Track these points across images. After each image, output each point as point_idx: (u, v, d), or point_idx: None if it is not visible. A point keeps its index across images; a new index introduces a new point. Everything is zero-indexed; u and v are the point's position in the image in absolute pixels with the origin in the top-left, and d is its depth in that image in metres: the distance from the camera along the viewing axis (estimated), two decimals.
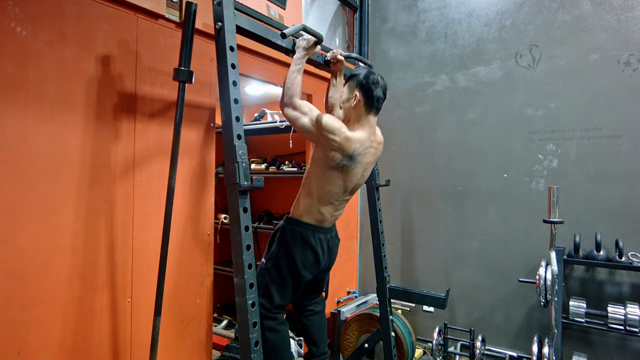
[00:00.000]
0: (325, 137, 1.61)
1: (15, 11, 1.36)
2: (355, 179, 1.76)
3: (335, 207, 1.79)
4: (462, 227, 2.95)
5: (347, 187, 1.75)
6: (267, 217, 3.46)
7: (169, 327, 1.86)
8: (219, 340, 3.01)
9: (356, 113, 1.72)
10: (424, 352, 3.02)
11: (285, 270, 1.74)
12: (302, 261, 1.74)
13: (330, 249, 1.85)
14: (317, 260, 1.78)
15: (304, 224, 1.75)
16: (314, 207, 1.74)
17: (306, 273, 1.78)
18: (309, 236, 1.74)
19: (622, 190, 2.41)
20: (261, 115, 3.41)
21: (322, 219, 1.77)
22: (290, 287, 1.78)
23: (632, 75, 2.40)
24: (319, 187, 1.72)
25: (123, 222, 1.68)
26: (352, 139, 1.65)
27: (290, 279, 1.76)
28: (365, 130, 1.72)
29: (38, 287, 1.42)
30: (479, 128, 2.90)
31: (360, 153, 1.69)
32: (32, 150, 1.41)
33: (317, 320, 2.05)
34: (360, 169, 1.74)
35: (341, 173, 1.69)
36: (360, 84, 1.71)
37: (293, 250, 1.73)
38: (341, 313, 2.82)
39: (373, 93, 1.70)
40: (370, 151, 1.76)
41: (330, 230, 1.86)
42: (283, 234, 1.78)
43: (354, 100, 1.71)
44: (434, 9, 3.12)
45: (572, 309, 2.33)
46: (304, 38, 1.75)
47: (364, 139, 1.70)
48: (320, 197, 1.73)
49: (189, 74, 1.60)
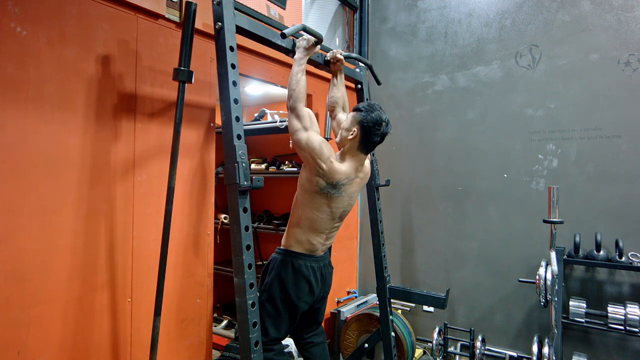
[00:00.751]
0: (313, 161, 1.62)
1: (15, 11, 1.36)
2: (342, 206, 1.76)
3: (326, 235, 1.79)
4: (462, 227, 2.95)
5: (335, 214, 1.75)
6: (267, 217, 3.46)
7: (169, 327, 1.86)
8: (219, 340, 3.01)
9: (350, 145, 1.73)
10: (424, 352, 3.02)
11: (279, 302, 1.72)
12: (295, 292, 1.72)
13: (323, 277, 1.83)
14: (311, 290, 1.77)
15: (295, 254, 1.74)
16: (304, 237, 1.74)
17: (301, 304, 1.76)
18: (300, 266, 1.73)
19: (622, 190, 2.41)
20: (261, 115, 3.41)
21: (313, 249, 1.76)
22: (285, 320, 1.75)
23: (632, 75, 2.40)
24: (308, 213, 1.72)
25: (123, 222, 1.68)
26: (337, 171, 1.65)
27: (285, 311, 1.74)
28: (353, 163, 1.73)
29: (38, 287, 1.42)
30: (479, 128, 2.90)
31: (345, 184, 1.70)
32: (32, 150, 1.41)
33: (319, 352, 2.01)
34: (346, 197, 1.75)
35: (326, 199, 1.69)
36: (362, 124, 1.70)
37: (285, 281, 1.72)
38: (341, 313, 2.82)
39: (371, 138, 1.71)
40: (356, 181, 1.77)
41: (323, 259, 1.84)
42: (275, 266, 1.76)
43: (351, 134, 1.71)
44: (434, 9, 3.12)
45: (572, 309, 2.33)
46: (304, 38, 1.75)
47: (350, 172, 1.71)
48: (310, 226, 1.73)
49: (189, 74, 1.60)
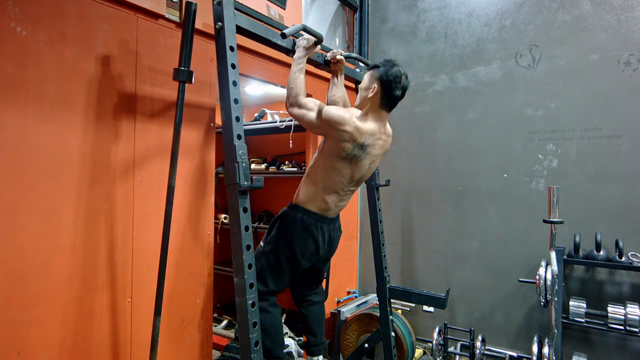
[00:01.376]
0: (335, 129, 1.60)
1: (15, 11, 1.36)
2: (363, 170, 1.75)
3: (341, 196, 1.78)
4: (462, 227, 2.95)
5: (354, 178, 1.74)
6: (267, 217, 3.46)
7: (169, 327, 1.86)
8: (219, 340, 3.01)
9: (371, 104, 1.71)
10: (424, 352, 3.02)
11: (282, 257, 1.74)
12: (301, 249, 1.73)
13: (331, 239, 1.84)
14: (316, 250, 1.78)
15: (308, 212, 1.74)
16: (319, 196, 1.73)
17: (304, 261, 1.77)
18: (311, 225, 1.73)
19: (622, 190, 2.41)
20: (261, 115, 3.41)
21: (326, 208, 1.75)
22: (286, 274, 1.78)
23: (632, 75, 2.40)
24: (326, 176, 1.71)
25: (123, 222, 1.68)
26: (363, 129, 1.64)
27: (287, 266, 1.75)
28: (377, 122, 1.71)
29: (38, 287, 1.42)
30: (479, 128, 2.90)
31: (370, 144, 1.68)
32: (32, 150, 1.40)
33: (316, 310, 2.07)
34: (369, 160, 1.73)
35: (350, 163, 1.68)
36: (381, 78, 1.67)
37: (293, 238, 1.72)
38: (341, 313, 2.82)
39: (392, 92, 1.67)
40: (379, 143, 1.75)
41: (334, 221, 1.84)
42: (285, 220, 1.76)
43: (372, 91, 1.68)
44: (434, 9, 3.12)
45: (572, 309, 2.33)
46: (304, 37, 1.75)
47: (375, 131, 1.69)
48: (325, 185, 1.72)
49: (189, 74, 1.60)
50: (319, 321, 2.08)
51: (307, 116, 1.63)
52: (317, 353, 2.08)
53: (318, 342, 2.07)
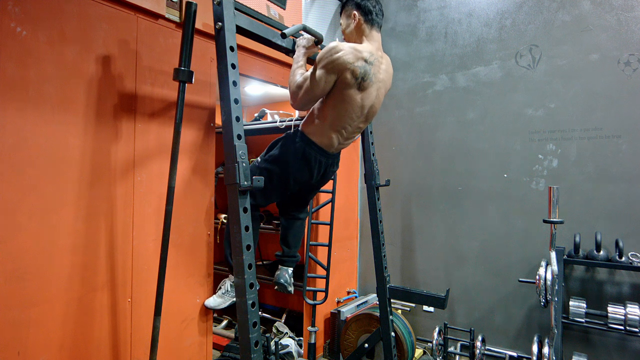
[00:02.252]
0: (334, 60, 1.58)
1: (15, 11, 1.36)
2: (372, 98, 1.73)
3: (347, 133, 1.78)
4: (462, 227, 2.95)
5: (364, 107, 1.72)
6: (267, 217, 3.46)
7: (169, 327, 1.86)
8: (219, 340, 3.01)
9: (358, 32, 1.73)
10: (424, 352, 3.02)
11: (275, 177, 1.78)
12: (294, 176, 1.78)
13: (326, 171, 1.89)
14: (309, 178, 1.83)
15: (311, 143, 1.75)
16: (325, 131, 1.74)
17: (295, 185, 1.84)
18: (310, 155, 1.75)
19: (622, 190, 2.41)
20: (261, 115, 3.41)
21: (329, 144, 1.77)
22: (274, 194, 1.84)
23: (632, 75, 2.40)
24: (334, 112, 1.70)
25: (123, 222, 1.68)
26: (359, 47, 1.64)
27: (277, 186, 1.81)
28: (371, 44, 1.72)
29: (38, 287, 1.42)
30: (479, 128, 2.90)
31: (373, 62, 1.66)
32: (32, 150, 1.41)
33: (297, 225, 2.16)
34: (375, 86, 1.72)
35: (359, 91, 1.66)
36: (357, 3, 1.73)
37: (289, 164, 1.76)
38: (341, 313, 2.82)
39: (370, 8, 1.72)
40: (381, 66, 1.75)
41: (334, 157, 1.87)
42: (287, 144, 1.79)
43: (353, 22, 1.72)
44: (434, 9, 3.12)
45: (572, 309, 2.33)
46: (304, 37, 1.75)
47: (372, 50, 1.69)
48: (333, 122, 1.72)
49: (189, 74, 1.60)
50: (297, 235, 2.17)
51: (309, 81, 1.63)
52: (288, 264, 2.15)
53: (291, 254, 2.15)
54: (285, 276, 2.13)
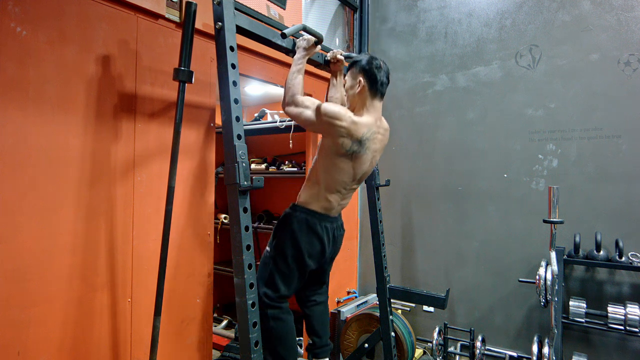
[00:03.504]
0: (331, 125, 1.59)
1: (15, 11, 1.36)
2: (365, 167, 1.74)
3: (343, 195, 1.78)
4: (462, 227, 2.95)
5: (356, 175, 1.74)
6: (267, 217, 3.46)
7: (169, 327, 1.86)
8: (219, 340, 3.01)
9: (361, 99, 1.71)
10: (424, 352, 3.02)
11: (290, 258, 1.72)
12: (308, 249, 1.72)
13: (335, 238, 1.84)
14: (322, 249, 1.77)
15: (311, 212, 1.73)
16: (321, 195, 1.73)
17: (311, 262, 1.76)
18: (315, 224, 1.72)
19: (622, 190, 2.41)
20: (261, 115, 3.41)
21: (329, 207, 1.75)
22: (295, 277, 1.75)
23: (632, 75, 2.40)
24: (327, 175, 1.70)
25: (123, 222, 1.68)
26: (359, 123, 1.63)
27: (296, 267, 1.73)
28: (371, 115, 1.71)
29: (38, 287, 1.42)
30: (479, 128, 2.90)
31: (369, 138, 1.67)
32: (32, 150, 1.40)
33: (320, 310, 2.02)
34: (369, 155, 1.73)
35: (350, 160, 1.67)
36: (364, 69, 1.70)
37: (299, 238, 1.71)
38: (341, 313, 2.82)
39: (377, 78, 1.69)
40: (377, 137, 1.75)
41: (337, 220, 1.84)
42: (289, 221, 1.75)
43: (358, 86, 1.70)
44: (434, 9, 3.12)
45: (572, 309, 2.33)
46: (304, 38, 1.75)
47: (371, 123, 1.69)
48: (327, 185, 1.72)
49: (189, 74, 1.60)
50: (324, 321, 2.03)
51: (304, 114, 1.63)
52: (323, 355, 2.00)
53: (323, 344, 2.01)
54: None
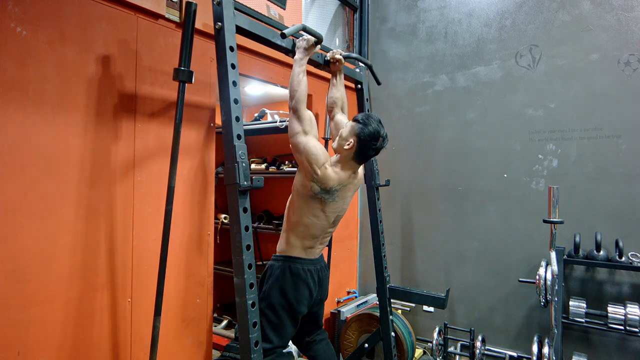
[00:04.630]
0: (309, 165, 1.63)
1: (15, 11, 1.36)
2: (336, 211, 1.78)
3: (320, 240, 1.81)
4: (462, 227, 2.95)
5: (329, 219, 1.77)
6: (267, 217, 3.46)
7: (169, 327, 1.86)
8: (219, 340, 3.01)
9: (346, 154, 1.74)
10: (424, 352, 3.02)
11: (279, 308, 1.72)
12: (295, 296, 1.73)
13: (320, 280, 1.84)
14: (310, 293, 1.78)
15: (292, 258, 1.75)
16: (299, 241, 1.76)
17: (301, 307, 1.76)
18: (298, 269, 1.74)
19: (622, 190, 2.41)
20: (261, 115, 3.41)
21: (310, 250, 1.78)
22: (287, 326, 1.75)
23: (632, 75, 2.40)
24: (303, 218, 1.73)
25: (123, 222, 1.68)
26: (331, 178, 1.67)
27: (286, 316, 1.73)
28: (347, 171, 1.74)
29: (38, 287, 1.42)
30: (479, 128, 2.90)
31: (338, 190, 1.72)
32: (32, 150, 1.41)
33: (323, 347, 2.00)
34: (340, 201, 1.77)
35: (320, 204, 1.71)
36: (359, 137, 1.70)
37: (284, 286, 1.72)
38: (341, 313, 2.82)
39: (366, 151, 1.73)
40: (349, 187, 1.79)
41: (319, 261, 1.85)
42: (273, 272, 1.77)
43: (348, 144, 1.72)
44: (434, 9, 3.12)
45: (572, 309, 2.33)
46: (304, 38, 1.75)
47: (343, 179, 1.72)
48: (304, 231, 1.74)
49: (189, 74, 1.60)
50: (330, 355, 2.01)
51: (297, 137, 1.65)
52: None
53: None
54: None
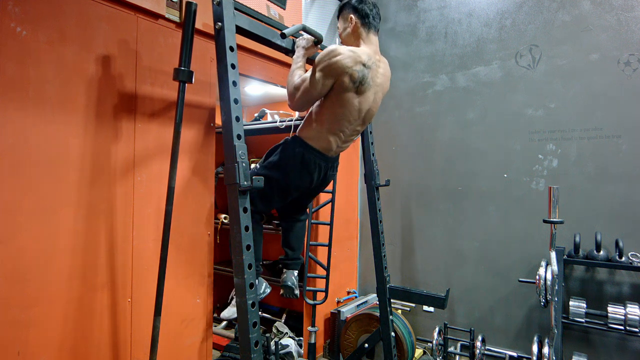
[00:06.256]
0: (332, 64, 1.58)
1: (15, 11, 1.36)
2: (369, 102, 1.73)
3: (345, 136, 1.78)
4: (462, 227, 2.95)
5: (362, 111, 1.72)
6: (267, 217, 3.46)
7: (169, 327, 1.86)
8: (219, 340, 3.02)
9: (355, 36, 1.74)
10: (424, 352, 3.02)
11: (274, 185, 1.76)
12: (295, 183, 1.77)
13: (326, 176, 1.87)
14: (310, 183, 1.82)
15: (310, 148, 1.74)
16: (323, 135, 1.73)
17: (295, 193, 1.83)
18: (310, 160, 1.74)
19: (622, 190, 2.41)
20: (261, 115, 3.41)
21: (328, 148, 1.76)
22: (274, 200, 1.82)
23: (632, 75, 2.40)
24: (332, 115, 1.70)
25: (123, 222, 1.68)
26: (357, 50, 1.63)
27: (278, 193, 1.79)
28: (368, 47, 1.72)
29: (38, 287, 1.42)
30: (479, 128, 2.90)
31: (372, 66, 1.67)
32: (32, 150, 1.41)
33: (299, 227, 2.14)
34: (373, 90, 1.72)
35: (357, 94, 1.66)
36: (354, 7, 1.73)
37: (289, 171, 1.74)
38: (341, 313, 2.82)
39: (368, 12, 1.73)
40: (379, 70, 1.75)
41: (333, 160, 1.85)
42: (286, 150, 1.77)
43: (350, 25, 1.73)
44: (434, 9, 3.11)
45: (572, 309, 2.33)
46: (304, 37, 1.75)
47: (370, 53, 1.69)
48: (331, 125, 1.71)
49: (189, 74, 1.60)
50: (299, 236, 2.15)
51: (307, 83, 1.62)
52: (293, 267, 2.13)
53: (295, 257, 2.13)
54: (292, 278, 2.11)
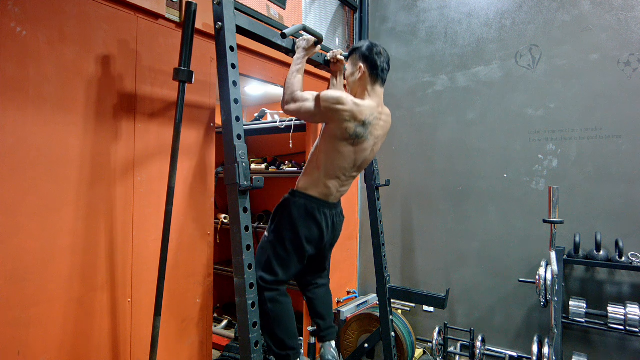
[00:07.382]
0: (333, 110, 1.59)
1: (15, 11, 1.36)
2: (366, 153, 1.74)
3: (342, 182, 1.77)
4: (462, 227, 2.95)
5: (357, 161, 1.73)
6: (267, 217, 3.46)
7: (169, 327, 1.86)
8: (219, 340, 3.02)
9: (362, 85, 1.72)
10: (424, 352, 3.02)
11: (288, 243, 1.71)
12: (306, 235, 1.72)
13: (334, 224, 1.83)
14: (321, 236, 1.76)
15: (310, 197, 1.73)
16: (320, 181, 1.72)
17: (310, 247, 1.75)
18: (314, 210, 1.72)
19: (622, 190, 2.41)
20: (261, 115, 3.41)
21: (328, 193, 1.74)
22: (293, 262, 1.74)
23: (632, 75, 2.40)
24: (328, 161, 1.70)
25: (123, 222, 1.68)
26: (361, 105, 1.63)
27: (293, 253, 1.72)
28: (373, 100, 1.71)
29: (38, 287, 1.42)
30: (479, 128, 2.90)
31: (371, 122, 1.67)
32: (32, 151, 1.40)
33: (323, 293, 2.02)
34: (371, 141, 1.72)
35: (353, 146, 1.66)
36: (364, 55, 1.71)
37: (297, 224, 1.70)
38: (341, 313, 2.82)
39: (377, 64, 1.71)
40: (380, 123, 1.75)
41: (336, 207, 1.83)
42: (287, 207, 1.74)
43: (358, 72, 1.71)
44: (434, 9, 3.12)
45: (572, 309, 2.33)
46: (304, 38, 1.75)
47: (373, 107, 1.69)
48: (327, 170, 1.71)
49: (189, 74, 1.60)
50: (327, 303, 2.02)
51: (304, 107, 1.62)
52: (329, 338, 1.98)
53: (328, 326, 1.99)
54: (331, 352, 1.95)
